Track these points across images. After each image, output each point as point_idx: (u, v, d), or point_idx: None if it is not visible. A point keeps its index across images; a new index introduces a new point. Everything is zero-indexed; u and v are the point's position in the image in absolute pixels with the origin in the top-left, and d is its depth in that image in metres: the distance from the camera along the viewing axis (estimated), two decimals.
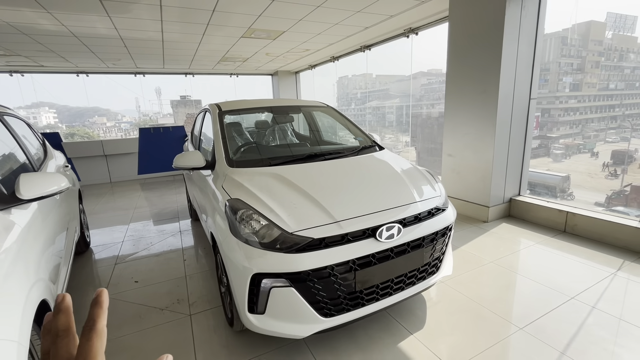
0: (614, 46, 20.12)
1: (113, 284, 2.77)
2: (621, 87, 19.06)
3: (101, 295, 0.33)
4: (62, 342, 0.32)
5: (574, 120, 18.23)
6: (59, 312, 0.33)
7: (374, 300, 1.77)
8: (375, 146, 2.77)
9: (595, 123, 18.16)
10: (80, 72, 7.85)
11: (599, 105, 18.87)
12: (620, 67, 19.35)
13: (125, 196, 6.01)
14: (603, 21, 22.67)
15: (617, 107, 18.37)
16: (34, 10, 3.73)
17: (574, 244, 3.08)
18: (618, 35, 20.83)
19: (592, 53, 19.51)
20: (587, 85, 19.37)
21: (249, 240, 1.67)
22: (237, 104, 2.97)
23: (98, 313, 0.32)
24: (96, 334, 0.31)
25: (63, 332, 0.32)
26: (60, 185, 1.73)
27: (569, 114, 18.51)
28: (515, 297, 2.33)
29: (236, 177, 2.06)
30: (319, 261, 1.59)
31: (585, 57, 19.44)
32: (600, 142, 16.91)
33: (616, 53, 20.06)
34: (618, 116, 18.09)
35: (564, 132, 17.67)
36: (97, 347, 0.31)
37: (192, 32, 5.00)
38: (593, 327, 1.96)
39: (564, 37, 19.47)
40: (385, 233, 1.74)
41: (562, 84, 19.28)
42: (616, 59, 19.64)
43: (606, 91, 19.20)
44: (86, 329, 0.31)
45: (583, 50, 19.69)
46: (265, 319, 1.65)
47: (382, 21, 4.86)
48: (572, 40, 19.88)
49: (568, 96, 18.91)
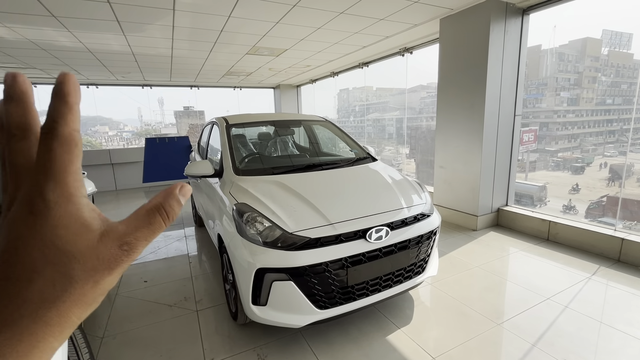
0: (610, 62, 20.64)
1: (124, 283, 2.97)
2: (618, 102, 19.49)
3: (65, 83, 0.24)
4: (18, 144, 0.24)
5: (572, 134, 18.57)
6: (10, 101, 0.24)
7: (364, 295, 1.98)
8: (369, 158, 3.02)
9: (594, 137, 18.51)
10: (91, 83, 8.19)
11: (596, 120, 19.24)
12: (617, 83, 19.82)
13: (130, 203, 6.23)
14: (599, 38, 23.27)
15: (614, 121, 18.75)
16: (56, 29, 4.04)
17: (555, 250, 3.30)
18: (614, 52, 21.39)
19: (589, 69, 20.02)
20: (584, 100, 19.80)
21: (254, 240, 1.89)
22: (243, 117, 3.24)
23: (60, 109, 0.23)
24: (58, 140, 0.23)
25: (19, 131, 0.24)
26: (88, 189, 1.97)
27: (567, 127, 18.87)
28: (496, 297, 2.53)
29: (242, 184, 2.29)
30: (315, 258, 1.81)
31: (582, 73, 19.94)
32: (598, 156, 17.22)
33: (612, 69, 20.57)
34: (616, 130, 18.44)
35: (562, 145, 17.99)
36: (62, 159, 0.23)
37: (200, 49, 5.32)
38: (563, 324, 2.16)
39: (560, 53, 20.00)
40: (375, 235, 1.96)
41: (560, 99, 19.70)
42: (612, 75, 20.13)
43: (603, 106, 19.62)
44: (44, 133, 0.23)
45: (580, 66, 20.21)
46: (267, 310, 1.86)
47: (378, 41, 5.18)
48: (568, 56, 20.41)
49: (566, 110, 19.31)
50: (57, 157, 0.23)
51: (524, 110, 4.07)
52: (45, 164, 0.23)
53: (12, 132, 0.24)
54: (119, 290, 2.83)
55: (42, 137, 0.23)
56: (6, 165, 0.24)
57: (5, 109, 0.24)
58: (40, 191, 0.23)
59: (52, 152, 0.23)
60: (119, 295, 2.75)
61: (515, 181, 4.17)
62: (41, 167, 0.23)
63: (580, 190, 13.31)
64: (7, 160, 0.24)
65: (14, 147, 0.24)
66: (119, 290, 2.82)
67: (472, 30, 3.68)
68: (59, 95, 0.23)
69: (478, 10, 3.58)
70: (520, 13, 3.71)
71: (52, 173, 0.23)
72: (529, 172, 15.04)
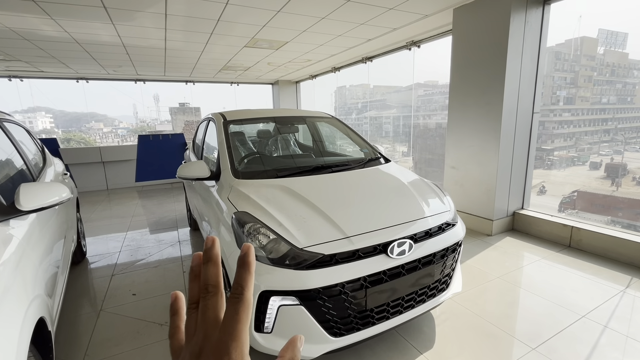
0: (606, 61, 20.59)
1: (110, 296, 2.68)
2: (613, 101, 19.44)
3: (248, 255, 0.30)
4: (211, 300, 0.30)
5: (568, 133, 18.50)
6: (208, 261, 0.31)
7: (385, 318, 1.72)
8: (380, 158, 2.74)
9: (589, 136, 18.45)
10: (81, 78, 7.82)
11: (592, 119, 19.19)
12: (612, 82, 19.76)
13: (122, 204, 5.91)
14: (595, 37, 23.21)
15: (610, 120, 18.71)
16: (38, 16, 3.70)
17: (580, 259, 3.05)
18: (610, 51, 21.34)
19: (585, 68, 19.94)
20: (580, 99, 19.74)
21: (257, 256, 1.61)
22: (242, 113, 2.94)
23: (245, 278, 0.29)
24: (244, 305, 0.28)
25: (213, 288, 0.30)
26: (61, 195, 1.67)
27: (563, 126, 18.80)
28: (524, 314, 2.28)
29: (242, 189, 2.01)
30: (330, 278, 1.53)
31: (578, 72, 19.86)
32: (594, 155, 17.15)
33: (608, 68, 20.53)
34: (611, 129, 18.40)
35: (558, 144, 17.91)
36: (243, 322, 0.28)
37: (195, 40, 5.00)
38: (606, 348, 1.91)
39: (557, 52, 19.89)
40: (397, 249, 1.69)
41: (556, 98, 19.62)
42: (608, 74, 20.09)
43: (599, 105, 19.56)
44: (234, 298, 0.28)
45: (576, 65, 20.13)
46: (273, 338, 1.58)
47: (385, 33, 4.90)
48: (565, 55, 20.31)
49: (562, 109, 19.24)
50: (241, 318, 0.28)
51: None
52: (232, 324, 0.28)
53: (208, 289, 0.30)
54: (103, 305, 2.54)
55: (232, 300, 0.29)
56: (198, 315, 0.30)
57: (205, 268, 0.31)
58: (227, 350, 0.27)
59: (238, 315, 0.28)
60: (103, 311, 2.46)
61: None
62: (228, 327, 0.28)
63: (547, 191, 13.21)
64: (200, 312, 0.30)
65: (208, 301, 0.30)
66: (104, 306, 2.53)
67: (490, 21, 3.41)
68: (245, 265, 0.29)
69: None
70: (542, 3, 3.44)
71: (236, 334, 0.28)
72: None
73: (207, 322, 0.29)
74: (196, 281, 0.32)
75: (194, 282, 0.32)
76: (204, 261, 0.31)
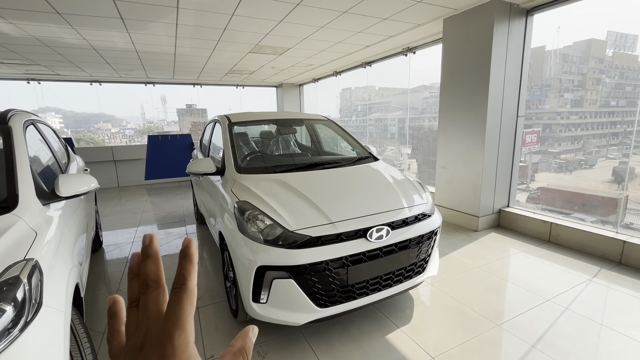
0: (615, 64, 20.52)
1: (125, 280, 2.98)
2: (622, 104, 19.37)
3: (190, 247, 0.30)
4: (152, 295, 0.29)
5: (575, 136, 18.51)
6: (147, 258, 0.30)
7: (364, 294, 1.99)
8: (370, 157, 3.02)
9: (597, 139, 18.43)
10: (94, 80, 8.21)
11: (600, 122, 19.16)
12: (621, 85, 19.71)
13: (132, 200, 6.26)
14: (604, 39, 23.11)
15: (618, 123, 18.65)
16: (60, 26, 4.05)
17: (556, 252, 3.29)
18: (619, 54, 21.25)
19: (593, 70, 19.90)
20: (588, 102, 19.71)
21: (255, 238, 1.90)
22: (245, 115, 3.24)
23: (188, 269, 0.29)
24: (186, 294, 0.28)
25: (153, 283, 0.30)
26: (90, 185, 1.98)
27: (570, 129, 18.81)
28: (496, 298, 2.53)
29: (244, 182, 2.30)
30: (316, 256, 1.81)
31: (586, 74, 19.84)
32: (601, 159, 17.15)
33: (617, 71, 20.45)
34: (619, 133, 18.36)
35: (565, 147, 17.93)
36: (187, 310, 0.28)
37: (203, 47, 5.33)
38: (563, 325, 2.16)
39: (564, 54, 19.91)
40: (375, 234, 1.96)
41: (564, 100, 19.63)
42: (617, 77, 20.01)
43: (607, 108, 19.52)
44: (176, 288, 0.28)
45: (584, 67, 20.11)
46: (268, 308, 1.86)
47: (381, 40, 5.17)
48: (573, 57, 20.30)
49: (569, 112, 19.24)
50: (184, 307, 0.28)
51: (527, 111, 4.06)
52: (175, 313, 0.27)
53: (149, 284, 0.30)
54: (120, 287, 2.85)
55: (174, 290, 0.28)
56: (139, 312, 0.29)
57: (144, 264, 0.30)
58: (171, 337, 0.27)
59: (181, 303, 0.28)
60: (120, 292, 2.77)
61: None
62: (171, 316, 0.27)
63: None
64: (142, 307, 0.29)
65: (149, 296, 0.29)
66: (120, 287, 2.84)
67: (476, 31, 3.67)
68: (187, 256, 0.29)
69: (482, 10, 3.57)
70: (524, 14, 3.69)
71: (180, 322, 0.27)
72: (532, 173, 15.00)
73: (149, 316, 0.28)
74: (135, 280, 0.31)
75: (133, 281, 0.31)
76: (143, 258, 0.30)
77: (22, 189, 1.60)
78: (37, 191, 1.68)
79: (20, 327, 1.06)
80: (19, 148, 1.79)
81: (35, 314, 1.14)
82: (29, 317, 1.11)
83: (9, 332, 1.04)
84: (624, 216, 3.76)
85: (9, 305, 1.08)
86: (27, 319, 1.10)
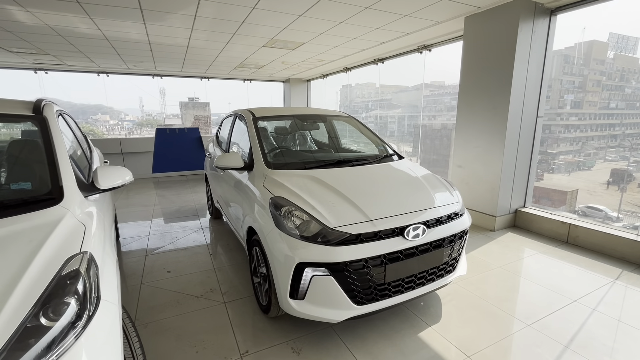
0: (616, 66, 20.53)
1: (147, 272, 2.97)
2: (622, 106, 19.39)
3: None
4: None
5: (574, 138, 18.54)
6: None
7: (400, 292, 1.99)
8: (394, 155, 3.00)
9: (596, 141, 18.47)
10: (102, 72, 8.13)
11: (599, 124, 19.18)
12: (621, 87, 19.72)
13: (142, 193, 6.23)
14: (605, 41, 23.09)
15: (617, 126, 18.70)
16: (77, 15, 3.99)
17: (576, 253, 3.30)
18: (620, 56, 21.26)
19: (594, 72, 19.90)
20: (588, 104, 19.73)
21: (292, 234, 1.89)
22: (269, 110, 3.22)
23: None
24: None
25: None
26: (125, 178, 1.96)
27: (569, 131, 18.84)
28: (521, 298, 2.54)
29: (276, 178, 2.28)
30: (356, 254, 1.81)
31: (587, 76, 19.84)
32: (600, 160, 17.21)
33: (617, 73, 20.46)
34: (618, 135, 18.41)
35: (564, 148, 17.97)
36: None
37: (217, 40, 5.28)
38: (593, 326, 2.17)
39: (566, 56, 19.88)
40: (412, 232, 1.96)
41: (564, 101, 19.63)
42: (617, 79, 20.02)
43: (607, 110, 19.53)
44: None
45: (585, 69, 20.10)
46: (305, 304, 1.86)
47: (397, 37, 5.14)
48: (574, 58, 20.27)
49: (569, 113, 19.26)
50: None
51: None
52: None
53: None
54: (143, 279, 2.84)
55: None
56: None
57: None
58: None
59: None
60: (143, 284, 2.76)
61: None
62: None
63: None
64: None
65: None
66: (144, 280, 2.83)
67: (499, 30, 3.65)
68: None
69: (506, 9, 3.55)
70: (549, 13, 3.67)
71: None
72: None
73: None
74: None
75: None
76: None
77: (66, 180, 1.58)
78: (77, 183, 1.65)
79: (84, 321, 1.05)
80: (57, 139, 1.77)
81: (96, 308, 1.12)
82: (91, 311, 1.10)
83: (73, 326, 1.03)
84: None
85: (73, 298, 1.06)
86: (90, 313, 1.08)
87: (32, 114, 1.87)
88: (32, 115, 1.87)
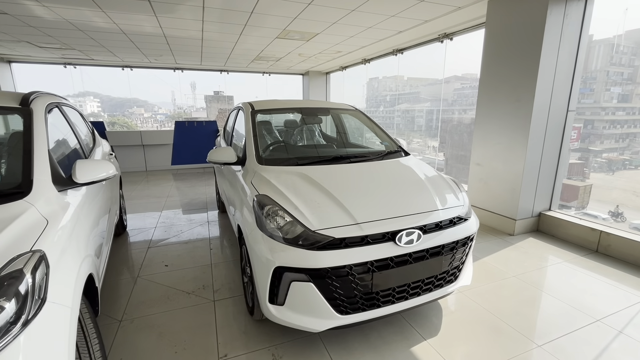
0: None
1: (145, 265, 2.98)
2: None
3: None
4: None
5: (620, 134, 17.03)
6: None
7: (390, 302, 1.82)
8: (400, 151, 2.79)
9: None
10: (126, 65, 8.38)
11: None
12: None
13: (158, 185, 6.37)
14: None
15: None
16: (91, 9, 4.06)
17: (606, 264, 2.95)
18: None
19: None
20: (638, 97, 17.98)
21: (274, 235, 1.77)
22: (269, 103, 3.10)
23: None
24: None
25: None
26: (108, 172, 1.91)
27: (615, 126, 17.30)
28: (536, 313, 2.28)
29: (265, 174, 2.17)
30: (338, 260, 1.66)
31: (637, 67, 18.04)
32: None
33: None
34: None
35: (608, 145, 16.55)
36: None
37: (229, 32, 5.21)
38: (617, 352, 1.89)
39: (613, 45, 18.20)
40: (405, 238, 1.78)
41: (610, 94, 18.04)
42: None
43: None
44: None
45: (636, 59, 18.28)
46: (284, 311, 1.74)
47: (416, 26, 4.83)
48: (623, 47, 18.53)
49: (615, 107, 17.67)
50: None
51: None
52: None
53: None
54: (140, 272, 2.85)
55: None
56: None
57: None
58: None
59: None
60: (140, 277, 2.76)
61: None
62: None
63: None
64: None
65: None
66: (140, 273, 2.83)
67: (526, 14, 3.29)
68: None
69: None
70: None
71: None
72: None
73: None
74: None
75: None
76: None
77: (38, 174, 1.54)
78: (53, 177, 1.62)
79: (20, 325, 0.99)
80: (38, 131, 1.74)
81: (38, 311, 1.06)
82: (30, 315, 1.03)
83: (8, 330, 0.97)
84: None
85: (9, 301, 1.00)
86: (27, 317, 1.02)
87: (19, 106, 1.86)
88: (18, 107, 1.86)
